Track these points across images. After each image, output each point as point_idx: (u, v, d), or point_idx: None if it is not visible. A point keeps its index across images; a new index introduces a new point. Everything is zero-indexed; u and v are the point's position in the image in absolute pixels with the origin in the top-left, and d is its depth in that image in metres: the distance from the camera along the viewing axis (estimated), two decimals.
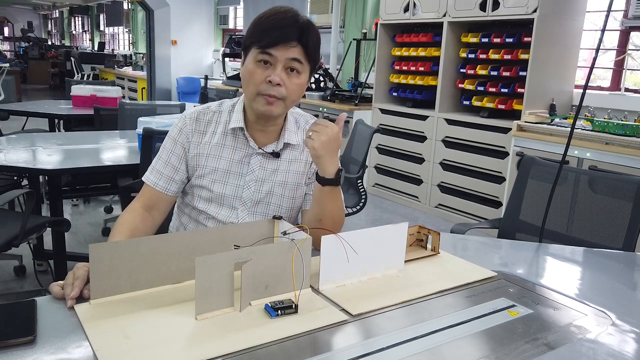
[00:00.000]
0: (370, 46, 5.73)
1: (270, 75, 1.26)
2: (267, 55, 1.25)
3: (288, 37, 1.25)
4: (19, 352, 0.83)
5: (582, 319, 1.06)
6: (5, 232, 2.13)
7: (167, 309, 0.99)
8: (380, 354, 0.88)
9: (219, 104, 1.43)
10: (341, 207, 1.36)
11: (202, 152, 1.37)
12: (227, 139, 1.38)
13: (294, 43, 1.25)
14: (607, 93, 4.00)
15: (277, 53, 1.25)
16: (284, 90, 1.28)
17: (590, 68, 1.62)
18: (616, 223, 1.79)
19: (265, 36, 1.25)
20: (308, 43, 1.27)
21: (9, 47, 18.16)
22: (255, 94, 1.29)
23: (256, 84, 1.27)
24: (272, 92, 1.27)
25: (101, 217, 4.03)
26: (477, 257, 1.37)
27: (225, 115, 1.40)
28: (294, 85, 1.29)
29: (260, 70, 1.27)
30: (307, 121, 1.46)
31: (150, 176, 1.39)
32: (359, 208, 3.01)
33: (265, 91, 1.27)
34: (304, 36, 1.26)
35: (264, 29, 1.26)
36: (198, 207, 1.40)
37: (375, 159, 5.09)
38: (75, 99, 4.34)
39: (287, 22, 1.25)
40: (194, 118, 1.39)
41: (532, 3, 3.70)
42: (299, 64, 1.28)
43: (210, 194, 1.38)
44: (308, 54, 1.29)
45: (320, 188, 1.29)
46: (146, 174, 1.40)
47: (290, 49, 1.25)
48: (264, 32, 1.26)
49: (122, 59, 11.04)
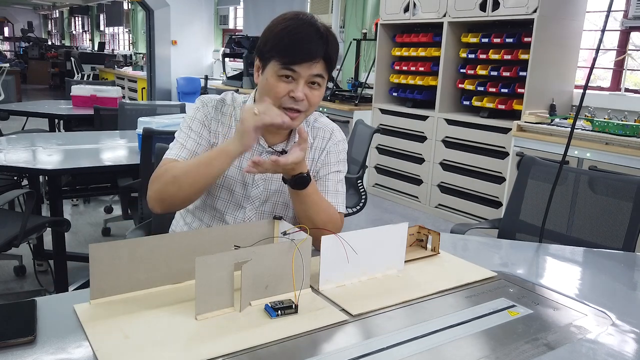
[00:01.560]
0: (370, 46, 5.73)
1: (293, 90, 1.25)
2: (290, 70, 1.24)
3: (313, 55, 1.23)
4: (19, 352, 0.83)
5: (582, 319, 1.06)
6: (5, 232, 2.13)
7: (167, 309, 0.99)
8: (380, 354, 0.88)
9: (232, 98, 1.41)
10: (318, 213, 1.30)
11: (216, 141, 1.37)
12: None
13: (318, 59, 1.24)
14: (607, 93, 4.00)
15: (301, 70, 1.24)
16: (307, 103, 1.27)
17: (590, 68, 1.62)
18: (616, 223, 1.79)
19: (288, 52, 1.23)
20: (331, 57, 1.27)
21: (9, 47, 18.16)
22: (277, 106, 1.27)
23: (278, 98, 1.26)
24: (296, 107, 1.26)
25: (101, 217, 4.02)
26: (477, 257, 1.37)
27: (237, 110, 1.39)
28: (315, 97, 1.28)
29: (283, 85, 1.25)
30: (315, 119, 1.46)
31: (172, 151, 1.34)
32: (359, 208, 3.01)
33: (288, 105, 1.26)
34: (328, 51, 1.25)
35: (287, 43, 1.23)
36: (206, 202, 1.39)
37: (375, 159, 5.09)
38: (75, 99, 4.33)
39: (311, 38, 1.23)
40: (214, 106, 1.38)
41: (532, 3, 3.70)
42: (321, 78, 1.27)
43: (219, 191, 1.38)
44: (330, 68, 1.28)
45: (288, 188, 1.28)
46: (166, 153, 1.35)
47: (313, 65, 1.24)
48: (287, 47, 1.23)
49: (122, 59, 11.04)
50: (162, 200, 1.26)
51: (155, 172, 1.30)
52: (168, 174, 1.25)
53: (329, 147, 1.43)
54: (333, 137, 1.45)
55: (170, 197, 1.25)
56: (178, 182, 1.23)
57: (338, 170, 1.43)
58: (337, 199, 1.40)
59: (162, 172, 1.27)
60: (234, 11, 8.98)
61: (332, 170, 1.42)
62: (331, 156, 1.43)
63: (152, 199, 1.27)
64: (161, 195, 1.26)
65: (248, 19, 7.99)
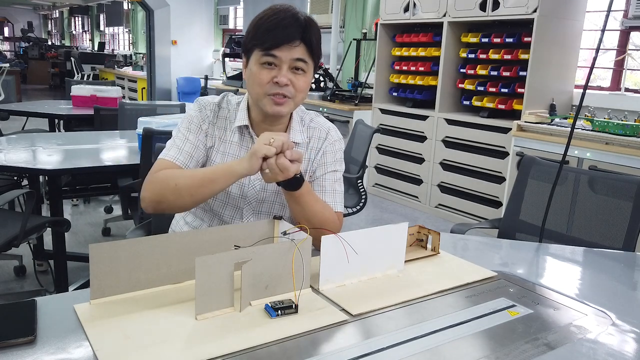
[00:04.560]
0: (370, 46, 5.73)
1: (277, 76, 1.25)
2: (271, 57, 1.25)
3: (291, 37, 1.24)
4: (19, 352, 0.83)
5: (582, 319, 1.06)
6: (5, 232, 2.13)
7: (167, 309, 0.99)
8: (380, 354, 0.88)
9: (227, 101, 1.42)
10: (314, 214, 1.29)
11: (212, 145, 1.38)
12: (235, 136, 1.38)
13: (297, 42, 1.25)
14: (607, 93, 4.00)
15: (281, 54, 1.25)
16: (292, 89, 1.28)
17: (590, 68, 1.62)
18: (616, 223, 1.79)
19: (267, 38, 1.24)
20: (311, 40, 1.27)
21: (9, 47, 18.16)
22: (262, 95, 1.28)
23: (262, 86, 1.27)
24: (281, 92, 1.27)
25: (101, 217, 4.02)
26: (477, 257, 1.37)
27: (232, 112, 1.40)
28: (301, 83, 1.29)
29: (266, 72, 1.26)
30: (311, 119, 1.46)
31: (170, 152, 1.34)
32: (359, 208, 3.01)
33: (273, 91, 1.27)
34: (307, 34, 1.26)
35: (265, 30, 1.25)
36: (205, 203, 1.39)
37: (375, 159, 5.09)
38: (75, 99, 4.33)
39: (288, 22, 1.25)
40: (212, 109, 1.39)
41: (532, 3, 3.70)
42: (303, 63, 1.28)
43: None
44: (312, 52, 1.29)
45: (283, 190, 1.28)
46: (162, 153, 1.35)
47: (294, 49, 1.25)
48: (265, 33, 1.25)
49: (122, 59, 11.04)
50: (159, 203, 1.26)
51: (152, 173, 1.29)
52: (170, 182, 1.24)
53: (325, 147, 1.43)
54: (329, 137, 1.45)
55: (168, 203, 1.25)
56: (179, 191, 1.23)
57: (335, 169, 1.43)
58: (334, 199, 1.40)
59: (162, 177, 1.26)
60: (234, 11, 8.98)
61: (329, 170, 1.42)
62: (327, 156, 1.43)
63: (148, 200, 1.27)
64: (159, 199, 1.25)
65: (248, 19, 8.00)
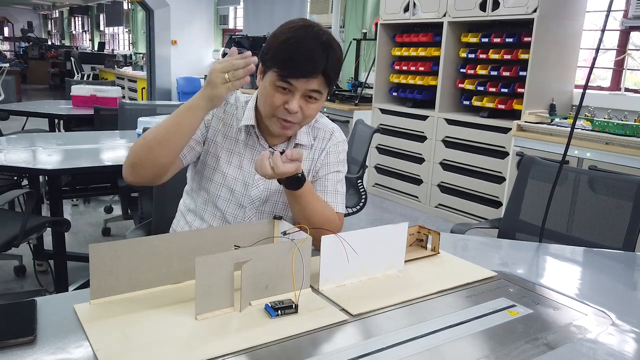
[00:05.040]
0: (370, 46, 5.73)
1: (288, 102, 1.24)
2: (286, 83, 1.24)
3: (311, 72, 1.22)
4: (19, 352, 0.83)
5: (582, 319, 1.06)
6: (5, 232, 2.13)
7: (167, 309, 0.99)
8: (380, 354, 0.88)
9: (236, 98, 1.42)
10: (314, 213, 1.29)
11: (218, 140, 1.38)
12: (241, 135, 1.38)
13: (316, 75, 1.23)
14: (607, 93, 4.00)
15: (297, 84, 1.23)
16: (301, 115, 1.28)
17: (590, 68, 1.62)
18: (616, 223, 1.79)
19: (287, 66, 1.22)
20: (329, 72, 1.25)
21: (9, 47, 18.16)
22: (271, 114, 1.28)
23: (273, 107, 1.27)
24: (289, 119, 1.27)
25: (101, 217, 4.02)
26: (477, 257, 1.37)
27: (240, 110, 1.40)
28: (311, 110, 1.29)
29: (279, 96, 1.25)
30: (316, 119, 1.45)
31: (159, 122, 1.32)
32: (359, 208, 3.01)
33: (281, 116, 1.27)
34: (327, 67, 1.24)
35: (286, 56, 1.22)
36: (207, 200, 1.39)
37: (375, 159, 5.09)
38: (75, 99, 4.33)
39: (311, 55, 1.21)
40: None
41: (532, 3, 3.70)
42: (318, 93, 1.27)
43: (219, 190, 1.38)
44: (329, 83, 1.27)
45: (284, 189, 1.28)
46: None
47: (311, 81, 1.24)
48: (286, 61, 1.22)
49: (122, 59, 11.04)
50: (134, 166, 1.24)
51: None
52: (139, 140, 1.23)
53: (329, 148, 1.44)
54: (333, 137, 1.45)
55: (142, 161, 1.22)
56: (148, 144, 1.20)
57: (337, 170, 1.43)
58: (336, 199, 1.40)
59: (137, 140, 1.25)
60: (234, 11, 8.98)
61: (332, 170, 1.42)
62: (331, 156, 1.43)
63: (125, 168, 1.25)
64: (132, 161, 1.23)
65: (248, 18, 8.00)
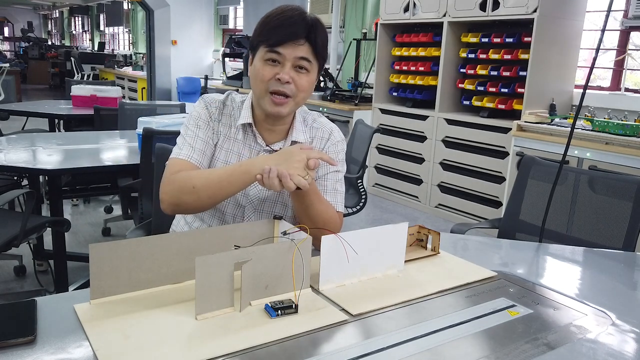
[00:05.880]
0: (370, 46, 5.73)
1: (279, 73, 1.26)
2: (275, 53, 1.26)
3: (296, 35, 1.25)
4: (19, 352, 0.83)
5: (582, 319, 1.06)
6: (5, 232, 2.13)
7: (167, 309, 0.99)
8: (380, 354, 0.88)
9: (231, 99, 1.43)
10: (318, 212, 1.29)
11: (217, 141, 1.38)
12: (239, 134, 1.39)
13: (302, 41, 1.26)
14: (607, 93, 4.00)
15: (286, 51, 1.25)
16: (294, 87, 1.28)
17: (590, 68, 1.62)
18: (616, 223, 1.79)
19: (273, 35, 1.26)
20: (316, 41, 1.28)
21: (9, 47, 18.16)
22: (264, 91, 1.29)
23: (264, 82, 1.28)
24: (282, 89, 1.27)
25: (101, 217, 4.02)
26: (477, 257, 1.37)
27: (236, 110, 1.41)
28: (303, 82, 1.29)
29: (269, 69, 1.27)
30: (314, 119, 1.46)
31: (183, 151, 1.33)
32: (359, 208, 3.01)
33: (274, 88, 1.27)
34: (312, 34, 1.27)
35: (271, 27, 1.26)
36: None
37: (375, 159, 5.09)
38: (75, 99, 4.33)
39: (294, 20, 1.26)
40: (217, 107, 1.40)
41: (532, 3, 3.70)
42: (307, 62, 1.28)
43: None
44: (316, 52, 1.29)
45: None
46: (175, 152, 1.34)
47: (298, 47, 1.26)
48: (271, 30, 1.26)
49: (122, 59, 11.04)
50: (178, 206, 1.28)
51: (168, 174, 1.29)
52: (187, 183, 1.24)
53: (328, 148, 1.44)
54: (332, 137, 1.45)
55: (187, 204, 1.26)
56: (197, 193, 1.24)
57: (337, 170, 1.43)
58: (335, 198, 1.40)
59: (180, 179, 1.26)
60: (234, 11, 8.98)
61: (331, 170, 1.42)
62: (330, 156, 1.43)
63: (166, 203, 1.28)
64: (177, 201, 1.26)
65: (248, 18, 7.99)
